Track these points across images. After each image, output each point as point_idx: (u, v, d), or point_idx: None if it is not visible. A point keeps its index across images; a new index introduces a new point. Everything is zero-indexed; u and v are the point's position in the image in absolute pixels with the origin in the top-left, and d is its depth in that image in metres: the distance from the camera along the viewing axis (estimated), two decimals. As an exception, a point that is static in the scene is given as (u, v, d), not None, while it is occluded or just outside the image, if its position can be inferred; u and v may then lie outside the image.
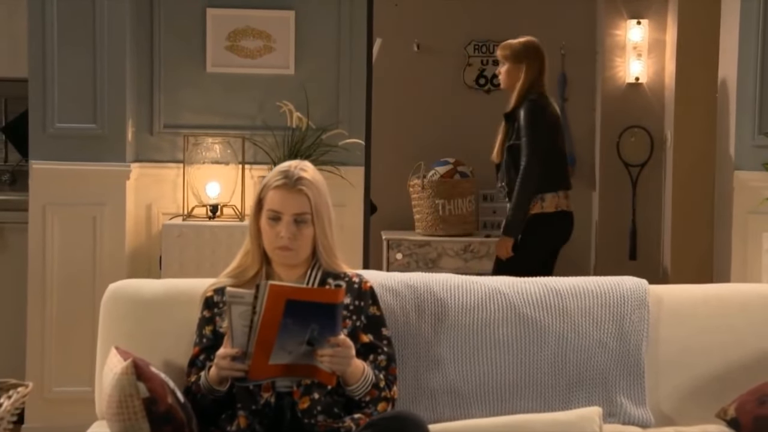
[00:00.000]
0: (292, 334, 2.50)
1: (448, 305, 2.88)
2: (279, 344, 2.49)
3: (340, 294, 2.53)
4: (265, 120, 5.00)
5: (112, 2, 4.71)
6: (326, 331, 2.52)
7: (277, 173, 2.77)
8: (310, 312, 2.49)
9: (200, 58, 5.00)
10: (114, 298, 2.90)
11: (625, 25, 6.85)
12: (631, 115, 6.86)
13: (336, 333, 2.54)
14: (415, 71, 7.17)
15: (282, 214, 2.74)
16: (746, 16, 4.77)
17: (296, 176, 2.75)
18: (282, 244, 2.73)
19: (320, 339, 2.52)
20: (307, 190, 2.75)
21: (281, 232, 2.73)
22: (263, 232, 2.77)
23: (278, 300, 2.47)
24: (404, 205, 6.87)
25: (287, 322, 2.48)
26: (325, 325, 2.51)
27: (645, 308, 2.85)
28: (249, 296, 2.50)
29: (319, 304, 2.50)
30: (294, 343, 2.51)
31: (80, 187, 4.71)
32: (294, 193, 2.74)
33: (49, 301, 4.71)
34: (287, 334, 2.49)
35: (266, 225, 2.75)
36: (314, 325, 2.50)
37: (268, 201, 2.75)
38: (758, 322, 2.81)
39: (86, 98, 4.72)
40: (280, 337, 2.49)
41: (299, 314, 2.49)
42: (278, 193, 2.74)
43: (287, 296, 2.48)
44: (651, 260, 6.85)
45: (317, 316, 2.50)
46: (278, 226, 2.73)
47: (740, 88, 4.82)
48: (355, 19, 5.04)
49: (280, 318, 2.47)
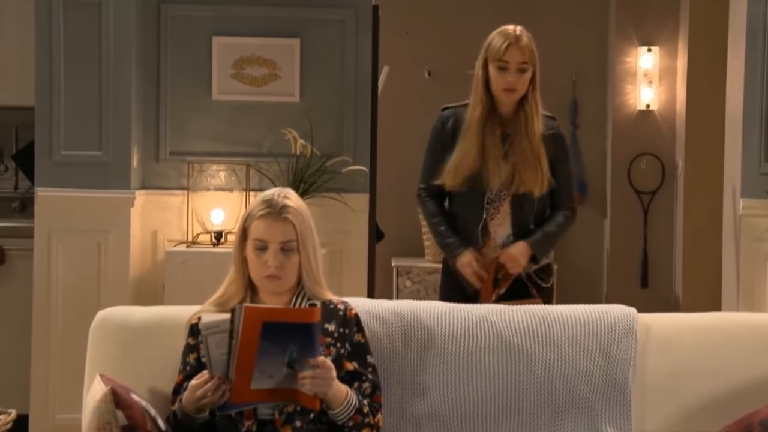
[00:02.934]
0: (271, 356, 2.50)
1: (435, 333, 2.87)
2: (259, 368, 2.50)
3: (316, 313, 2.53)
4: (270, 147, 5.02)
5: (118, 30, 4.76)
6: (305, 352, 2.52)
7: (260, 202, 2.78)
8: (287, 333, 2.50)
9: (206, 86, 5.04)
10: (102, 325, 2.91)
11: (636, 52, 6.84)
12: (643, 142, 6.84)
13: (315, 354, 2.54)
14: (427, 98, 7.18)
15: (268, 243, 2.74)
16: (752, 45, 4.75)
17: (280, 204, 2.76)
18: (269, 273, 2.74)
19: (300, 361, 2.52)
20: (292, 218, 2.75)
21: (268, 261, 2.73)
22: (250, 262, 2.78)
23: (255, 322, 2.47)
24: (415, 232, 6.86)
25: (265, 344, 2.48)
26: (303, 347, 2.52)
27: (633, 337, 2.83)
28: (224, 323, 2.51)
29: (296, 325, 2.51)
30: (274, 366, 2.51)
31: (85, 214, 4.74)
32: (279, 222, 2.75)
33: (53, 327, 4.74)
34: (266, 357, 2.49)
35: (252, 254, 2.76)
36: (293, 346, 2.50)
37: (254, 230, 2.76)
38: (745, 351, 2.79)
39: (92, 126, 4.77)
40: (260, 361, 2.49)
41: (277, 336, 2.49)
42: (263, 222, 2.75)
43: (263, 318, 2.48)
44: (663, 288, 6.81)
45: (295, 337, 2.51)
46: (265, 255, 2.74)
47: (746, 116, 4.80)
48: (360, 47, 5.07)
49: (257, 341, 2.48)
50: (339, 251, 5.05)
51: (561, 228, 3.87)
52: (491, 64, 3.72)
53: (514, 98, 3.75)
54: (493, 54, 3.71)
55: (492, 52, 3.73)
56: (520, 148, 3.75)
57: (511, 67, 3.69)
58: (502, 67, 3.70)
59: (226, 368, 2.52)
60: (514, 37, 3.71)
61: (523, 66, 3.70)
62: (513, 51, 3.69)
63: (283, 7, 5.03)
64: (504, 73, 3.70)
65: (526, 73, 3.72)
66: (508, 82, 3.70)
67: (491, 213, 3.80)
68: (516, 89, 3.72)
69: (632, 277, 6.83)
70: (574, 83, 7.06)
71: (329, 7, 5.05)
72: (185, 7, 5.01)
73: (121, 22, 4.76)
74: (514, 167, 3.76)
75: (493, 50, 3.72)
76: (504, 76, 3.70)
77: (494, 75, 3.72)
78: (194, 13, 5.02)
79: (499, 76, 3.71)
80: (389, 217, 6.41)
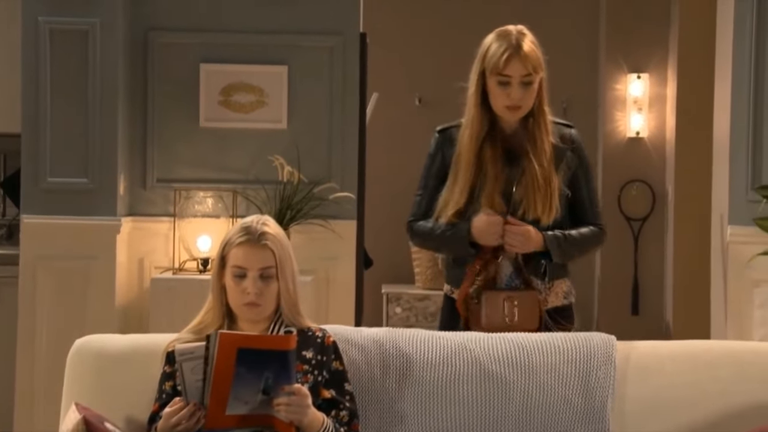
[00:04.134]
0: (246, 383, 2.50)
1: (414, 361, 2.86)
2: (234, 394, 2.50)
3: (292, 340, 2.53)
4: (257, 174, 5.02)
5: (105, 57, 4.77)
6: (280, 379, 2.52)
7: (239, 230, 2.77)
8: (262, 360, 2.50)
9: (194, 113, 5.04)
10: (79, 353, 2.90)
11: (625, 80, 6.86)
12: (633, 169, 6.85)
13: (290, 381, 2.54)
14: (418, 125, 7.18)
15: (247, 270, 2.74)
16: (738, 72, 4.76)
17: (259, 231, 2.75)
18: (249, 300, 2.73)
19: (275, 387, 2.52)
20: (271, 244, 2.75)
21: (247, 288, 2.73)
22: (229, 289, 2.77)
23: (230, 349, 2.47)
24: (405, 258, 6.85)
25: (241, 371, 2.48)
26: (279, 373, 2.51)
27: (611, 365, 2.82)
28: (199, 350, 2.51)
29: (272, 352, 2.51)
30: (249, 392, 2.51)
31: (70, 241, 4.73)
32: (258, 249, 2.74)
33: (38, 355, 4.72)
34: (241, 384, 2.49)
35: (231, 282, 2.75)
36: (268, 373, 2.50)
37: (232, 258, 2.75)
38: (725, 379, 2.78)
39: (78, 153, 4.77)
40: (235, 387, 2.49)
41: (252, 363, 2.49)
42: (242, 249, 2.74)
43: (238, 344, 2.48)
44: (654, 315, 6.79)
45: (270, 363, 2.50)
46: (244, 283, 2.73)
47: (733, 143, 4.81)
48: (347, 74, 5.08)
49: (233, 367, 2.48)
50: (326, 278, 5.04)
51: (584, 238, 3.28)
52: (489, 77, 3.15)
53: (519, 116, 3.18)
54: (491, 66, 3.13)
55: (490, 63, 3.14)
56: (528, 168, 3.19)
57: (513, 81, 3.12)
58: (503, 81, 3.13)
59: (201, 395, 2.52)
60: (515, 46, 3.13)
61: (528, 78, 3.14)
62: (514, 63, 3.12)
63: (271, 35, 5.04)
64: (506, 89, 3.13)
65: (532, 85, 3.16)
66: (512, 99, 3.14)
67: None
68: (521, 106, 3.15)
69: (623, 305, 6.82)
70: (564, 110, 7.05)
71: (317, 34, 5.06)
72: (173, 34, 5.02)
73: (108, 50, 4.77)
74: (524, 191, 3.20)
75: (491, 62, 3.13)
76: (506, 92, 3.13)
77: (494, 90, 3.15)
78: (182, 41, 5.03)
79: (500, 92, 3.14)
80: (379, 243, 6.40)
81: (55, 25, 4.75)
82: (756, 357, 2.84)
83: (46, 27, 4.74)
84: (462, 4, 7.02)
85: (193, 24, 5.02)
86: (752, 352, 2.86)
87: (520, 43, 3.15)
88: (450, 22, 7.04)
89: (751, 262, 4.46)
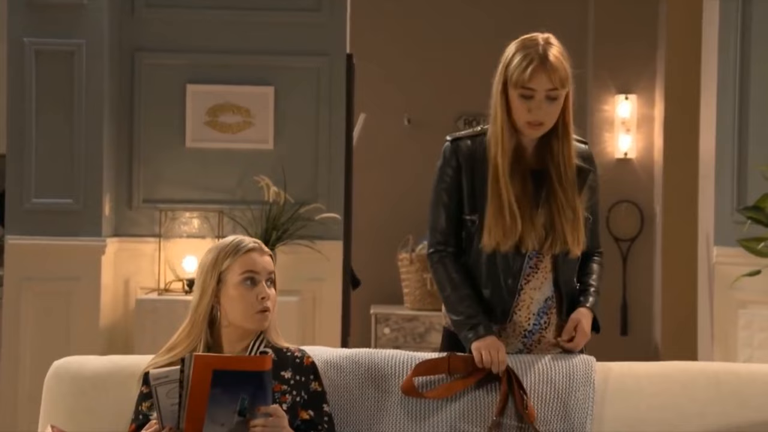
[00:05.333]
0: (222, 404, 2.48)
1: (392, 382, 2.84)
2: (210, 416, 2.48)
3: (267, 361, 2.52)
4: (243, 195, 5.02)
5: (91, 78, 4.78)
6: (257, 400, 2.51)
7: (236, 242, 2.79)
8: (238, 381, 2.48)
9: (180, 133, 5.05)
10: (56, 375, 2.88)
11: (613, 101, 6.88)
12: (621, 189, 6.85)
13: (267, 402, 2.53)
14: (407, 145, 7.20)
15: (259, 275, 2.75)
16: (723, 93, 4.78)
17: (258, 242, 2.81)
18: (264, 306, 2.75)
19: (251, 409, 2.51)
20: (269, 253, 2.81)
21: (262, 292, 2.74)
22: (235, 301, 2.74)
23: (205, 371, 2.46)
24: (393, 279, 6.85)
25: (216, 392, 2.47)
26: (255, 395, 2.50)
27: (590, 386, 2.80)
28: (174, 373, 2.50)
29: (247, 373, 2.49)
30: (224, 414, 2.49)
31: (55, 262, 4.73)
32: (265, 255, 2.79)
33: (22, 376, 4.71)
34: (217, 405, 2.48)
35: (241, 291, 2.74)
36: (244, 394, 2.49)
37: (242, 265, 2.75)
38: (701, 400, 2.77)
39: (63, 174, 4.77)
40: (211, 409, 2.47)
41: (228, 384, 2.48)
42: (251, 255, 2.76)
43: (213, 366, 2.47)
44: (642, 335, 6.79)
45: (246, 385, 2.49)
46: (257, 288, 2.74)
47: (718, 165, 4.82)
48: (334, 95, 5.09)
49: (208, 389, 2.46)
50: (312, 299, 5.04)
51: (602, 280, 3.06)
52: (512, 90, 2.86)
53: (540, 133, 2.88)
54: (515, 78, 2.83)
55: (513, 75, 2.85)
56: (554, 195, 2.91)
57: (537, 95, 2.82)
58: (526, 95, 2.83)
59: (176, 419, 2.50)
60: (541, 57, 2.83)
61: (554, 93, 2.83)
62: (539, 76, 2.82)
63: (257, 56, 5.05)
64: (528, 103, 2.82)
65: (557, 100, 2.85)
66: (534, 114, 2.83)
67: (527, 274, 2.94)
68: (543, 122, 2.85)
69: (612, 325, 6.80)
70: (552, 131, 7.08)
71: (303, 55, 5.07)
72: (159, 55, 5.04)
73: (94, 71, 4.78)
74: (549, 218, 2.92)
75: (514, 73, 2.84)
76: (528, 107, 2.83)
77: (515, 103, 2.85)
78: (168, 61, 5.04)
79: (522, 106, 2.84)
80: (367, 264, 6.39)
81: (40, 46, 4.76)
82: (733, 378, 2.83)
83: (31, 48, 4.75)
84: (451, 26, 7.04)
85: (180, 45, 5.03)
86: (729, 373, 2.86)
87: (546, 54, 2.84)
88: (440, 43, 7.06)
89: (737, 282, 4.46)
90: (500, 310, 2.91)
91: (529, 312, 2.93)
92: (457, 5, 7.07)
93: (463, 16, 6.99)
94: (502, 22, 6.72)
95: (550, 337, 2.96)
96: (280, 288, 2.85)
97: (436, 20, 7.11)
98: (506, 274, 2.90)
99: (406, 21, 7.14)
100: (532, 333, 2.94)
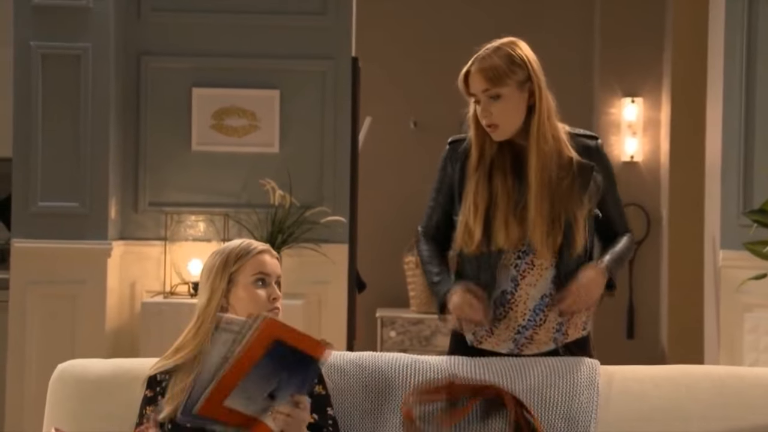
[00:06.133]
0: (262, 377, 2.42)
1: (396, 385, 2.84)
2: (244, 384, 2.41)
3: (327, 352, 2.49)
4: (248, 198, 5.02)
5: (97, 82, 4.78)
6: (292, 385, 2.45)
7: (246, 244, 2.80)
8: (289, 359, 2.43)
9: (185, 137, 5.05)
10: (61, 378, 2.88)
11: (619, 104, 6.87)
12: (627, 193, 6.82)
13: (302, 390, 2.50)
14: (412, 148, 7.20)
15: (270, 277, 2.78)
16: (729, 96, 4.77)
17: (267, 245, 2.83)
18: (276, 305, 2.76)
19: (284, 392, 2.45)
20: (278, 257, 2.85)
21: (273, 293, 2.76)
22: (248, 301, 2.75)
23: (267, 336, 2.40)
24: (399, 282, 6.85)
25: (264, 361, 2.41)
26: (294, 378, 2.44)
27: (594, 389, 2.80)
28: (240, 324, 2.44)
29: (302, 354, 2.44)
30: (258, 388, 2.43)
31: (61, 265, 4.73)
32: (274, 258, 2.82)
33: (28, 380, 4.71)
34: (257, 376, 2.41)
35: (252, 291, 2.75)
36: (285, 374, 2.44)
37: (254, 266, 2.76)
38: (705, 403, 2.76)
39: (69, 177, 4.78)
40: (249, 377, 2.41)
41: (279, 358, 2.41)
42: (263, 257, 2.78)
43: (277, 336, 2.41)
44: (649, 339, 6.77)
45: (293, 365, 2.44)
46: (268, 289, 2.76)
47: (724, 168, 4.81)
48: (339, 98, 5.09)
49: (259, 356, 2.40)
50: (317, 302, 5.04)
51: (629, 250, 3.01)
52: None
53: (501, 135, 2.86)
54: (461, 88, 2.91)
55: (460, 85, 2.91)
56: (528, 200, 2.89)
57: (481, 98, 2.84)
58: (476, 101, 2.87)
59: (213, 373, 2.43)
60: (474, 61, 2.88)
61: (490, 93, 2.82)
62: (472, 79, 2.86)
63: (263, 59, 5.05)
64: (479, 107, 2.86)
65: (500, 100, 2.83)
66: (483, 116, 2.85)
67: (523, 270, 2.94)
68: (497, 123, 2.84)
69: (618, 329, 6.80)
70: (558, 134, 7.07)
71: (309, 58, 5.07)
72: (165, 58, 5.04)
73: (100, 74, 4.79)
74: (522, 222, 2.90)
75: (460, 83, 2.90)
76: (480, 111, 2.86)
77: (477, 112, 2.89)
78: (174, 65, 5.05)
79: (477, 111, 2.88)
80: (374, 267, 6.40)
81: (47, 50, 4.76)
82: (738, 381, 2.83)
83: (38, 52, 4.76)
84: (457, 28, 7.04)
85: (185, 48, 5.04)
86: (734, 377, 2.85)
87: (480, 57, 2.87)
88: (446, 46, 7.05)
89: (743, 286, 4.46)
90: (494, 305, 2.92)
91: (525, 307, 2.93)
92: (463, 8, 7.07)
93: (469, 20, 6.99)
94: (508, 25, 6.64)
95: (542, 337, 2.95)
96: (286, 291, 2.86)
97: (441, 23, 7.11)
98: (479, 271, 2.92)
99: (411, 24, 7.15)
100: (525, 328, 2.94)
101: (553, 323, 2.96)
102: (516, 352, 2.95)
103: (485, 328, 2.96)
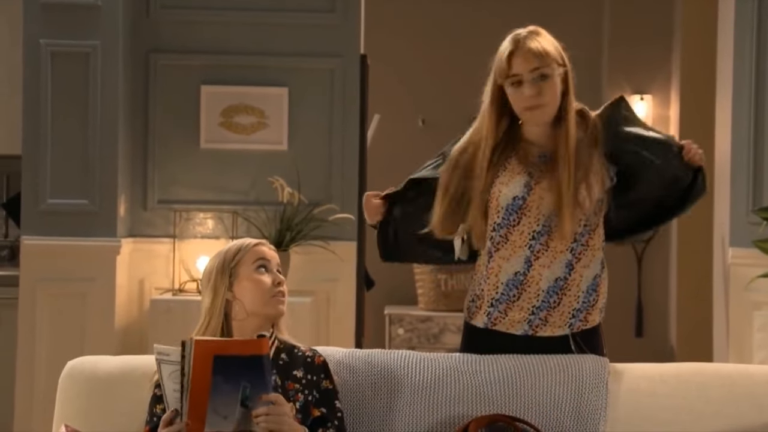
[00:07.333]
0: (224, 394, 2.44)
1: (404, 382, 2.85)
2: (212, 407, 2.44)
3: (265, 344, 2.51)
4: (257, 195, 5.03)
5: (106, 80, 4.79)
6: (257, 388, 2.47)
7: (240, 242, 2.85)
8: (238, 368, 2.45)
9: (194, 134, 5.05)
10: (70, 375, 2.90)
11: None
12: (636, 190, 6.82)
13: (267, 389, 2.51)
14: (421, 146, 7.18)
15: (270, 263, 2.81)
16: (738, 94, 4.77)
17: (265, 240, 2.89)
18: (281, 288, 2.79)
19: (253, 398, 2.48)
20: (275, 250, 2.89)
21: (276, 278, 2.79)
22: (253, 288, 2.77)
23: (206, 357, 2.43)
24: (408, 280, 6.84)
25: (218, 380, 2.43)
26: (255, 383, 2.47)
27: (603, 387, 2.80)
28: (176, 354, 2.46)
29: (247, 358, 2.46)
30: (227, 404, 2.45)
31: (70, 262, 4.74)
32: (271, 249, 2.86)
33: (38, 377, 4.72)
34: (219, 396, 2.44)
35: (255, 278, 2.78)
36: (245, 382, 2.46)
37: (252, 255, 2.80)
38: (716, 401, 2.76)
39: (78, 174, 4.78)
40: (213, 399, 2.44)
41: (229, 371, 2.44)
42: (260, 247, 2.83)
43: (214, 351, 2.44)
44: (658, 337, 6.76)
45: (247, 372, 2.46)
46: (271, 274, 2.80)
47: (734, 166, 4.80)
48: (348, 96, 5.09)
49: (210, 377, 2.44)
50: (326, 300, 5.04)
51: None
52: (505, 85, 2.88)
53: (543, 117, 2.88)
54: (500, 72, 2.88)
55: (498, 69, 2.89)
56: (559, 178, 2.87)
57: (525, 78, 2.84)
58: (515, 82, 2.86)
59: (179, 406, 2.47)
60: (516, 43, 2.88)
61: (538, 72, 2.84)
62: (518, 59, 2.86)
63: (271, 57, 5.06)
64: (519, 89, 2.85)
65: (548, 79, 2.85)
66: (525, 97, 2.84)
67: (537, 251, 2.94)
68: (540, 104, 2.85)
69: (627, 327, 6.79)
70: (567, 132, 7.06)
71: (317, 56, 5.08)
72: (174, 56, 5.05)
73: (109, 72, 4.79)
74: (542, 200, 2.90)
75: (498, 67, 2.88)
76: (520, 93, 2.85)
77: (511, 96, 2.87)
78: (183, 63, 5.05)
79: (515, 94, 2.86)
80: (382, 264, 6.35)
81: (56, 48, 4.77)
82: (747, 379, 2.83)
83: (47, 49, 4.76)
84: (465, 26, 7.04)
85: (194, 46, 5.04)
86: (743, 375, 2.85)
87: (521, 39, 2.90)
88: (454, 43, 7.06)
89: (752, 284, 4.45)
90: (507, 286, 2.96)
91: (538, 288, 2.93)
92: (470, 7, 7.07)
93: (476, 18, 6.99)
94: (516, 24, 6.67)
95: (557, 320, 2.95)
96: (294, 288, 2.87)
97: (449, 21, 7.10)
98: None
99: (420, 22, 7.14)
100: (539, 309, 2.93)
101: (569, 308, 2.96)
102: (530, 334, 2.95)
103: (498, 309, 2.96)
